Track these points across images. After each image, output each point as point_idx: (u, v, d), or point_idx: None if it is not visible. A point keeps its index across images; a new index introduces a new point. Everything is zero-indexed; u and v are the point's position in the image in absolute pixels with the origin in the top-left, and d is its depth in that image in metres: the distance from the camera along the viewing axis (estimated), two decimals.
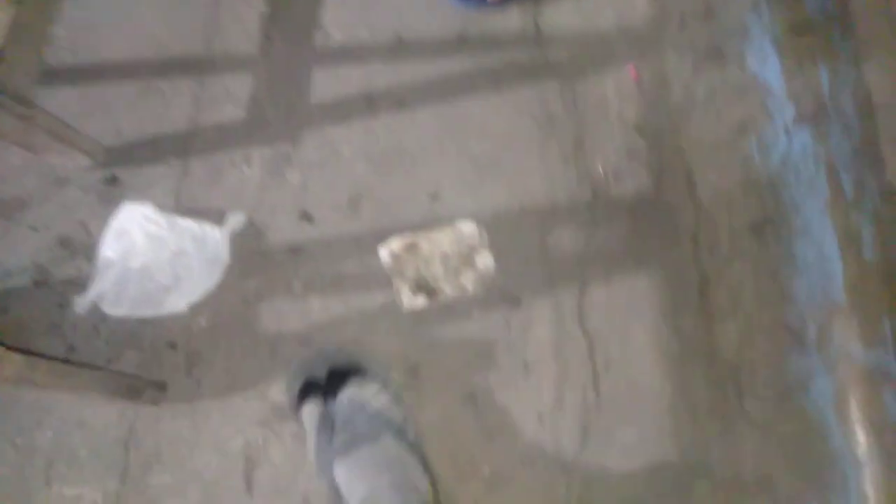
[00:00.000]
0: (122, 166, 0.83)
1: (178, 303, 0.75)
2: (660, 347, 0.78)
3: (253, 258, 0.80)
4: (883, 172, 0.77)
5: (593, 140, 0.90)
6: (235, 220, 0.79)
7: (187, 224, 0.77)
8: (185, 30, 0.89)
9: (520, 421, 0.74)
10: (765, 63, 0.86)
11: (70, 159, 0.79)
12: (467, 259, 0.78)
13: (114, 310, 0.74)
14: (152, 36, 0.89)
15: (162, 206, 0.80)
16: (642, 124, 0.92)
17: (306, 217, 0.82)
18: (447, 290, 0.77)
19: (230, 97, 0.87)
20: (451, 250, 0.78)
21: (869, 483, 0.63)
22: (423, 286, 0.77)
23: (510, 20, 0.95)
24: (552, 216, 0.85)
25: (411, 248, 0.78)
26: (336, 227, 0.82)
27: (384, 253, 0.78)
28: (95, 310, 0.75)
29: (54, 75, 0.84)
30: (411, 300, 0.77)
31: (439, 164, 0.85)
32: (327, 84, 0.89)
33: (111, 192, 0.81)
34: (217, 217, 0.80)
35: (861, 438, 0.65)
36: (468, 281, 0.78)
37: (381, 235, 0.82)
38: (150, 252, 0.74)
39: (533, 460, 0.72)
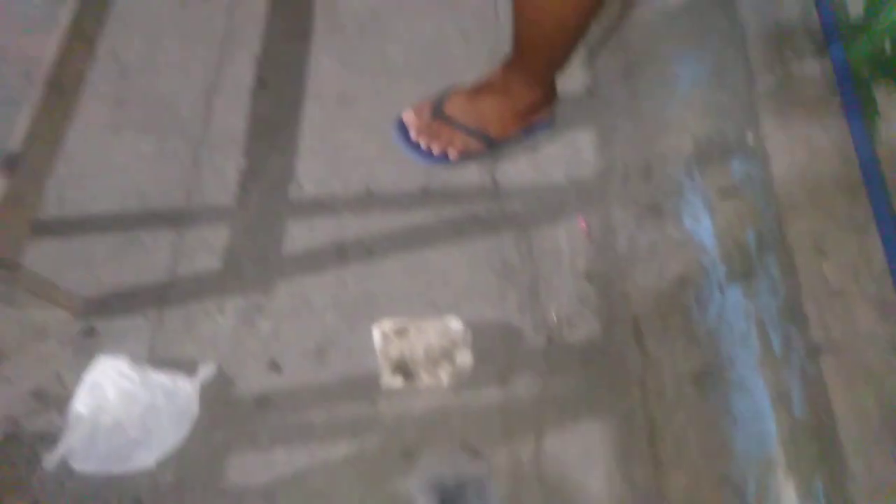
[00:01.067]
0: (99, 317, 0.83)
1: (146, 458, 0.74)
2: (613, 498, 0.80)
3: (221, 409, 0.80)
4: (808, 330, 0.81)
5: (547, 288, 0.94)
6: (206, 371, 0.80)
7: (160, 378, 0.77)
8: (167, 182, 0.92)
9: None
10: (698, 223, 0.93)
11: (51, 313, 0.80)
12: (448, 353, 0.81)
13: (82, 466, 0.73)
14: (137, 188, 0.91)
15: (136, 357, 0.80)
16: (592, 273, 0.96)
17: (275, 367, 0.84)
18: (424, 377, 0.80)
19: (207, 248, 0.89)
20: (435, 341, 0.81)
21: None
22: (402, 368, 0.80)
23: (469, 175, 1.01)
24: (509, 365, 0.88)
25: (401, 332, 0.82)
26: (303, 377, 0.83)
27: (377, 333, 0.83)
28: (64, 465, 0.74)
29: (41, 228, 0.85)
30: (390, 379, 0.81)
31: (403, 314, 0.87)
32: (300, 234, 0.92)
33: (88, 344, 0.82)
34: (189, 367, 0.81)
35: None
36: (444, 373, 0.81)
37: (346, 384, 0.83)
38: (121, 408, 0.74)
39: None
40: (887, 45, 0.86)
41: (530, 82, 0.91)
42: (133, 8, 1.01)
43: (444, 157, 0.98)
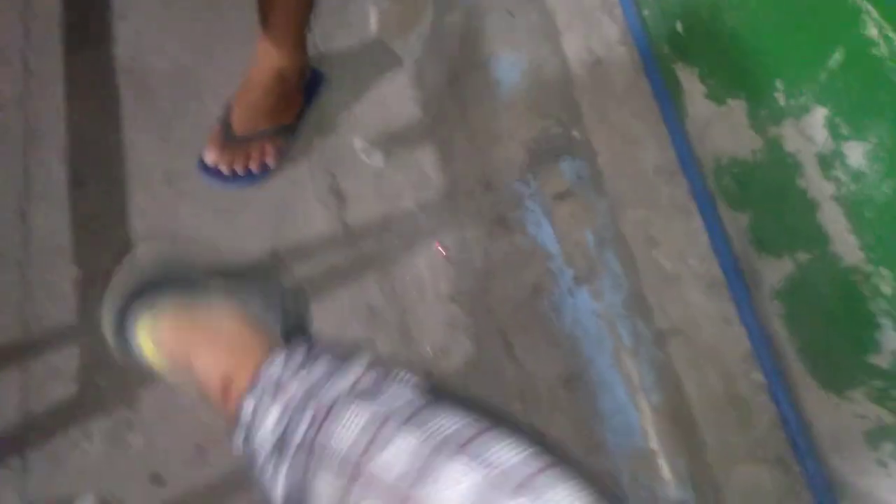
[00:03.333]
0: None
1: None
2: None
3: None
4: (652, 319, 0.86)
5: (417, 323, 0.95)
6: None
7: None
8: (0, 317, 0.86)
9: None
10: (540, 229, 0.94)
11: None
12: None
13: None
14: None
15: None
16: (456, 295, 0.97)
17: (157, 480, 0.81)
18: None
19: (59, 375, 0.85)
20: None
21: None
22: None
23: (318, 224, 0.98)
24: None
25: None
26: (188, 482, 0.82)
27: None
28: None
29: None
30: None
31: None
32: None
33: None
34: None
35: None
36: None
37: (234, 477, 0.82)
38: None
39: None
40: (678, 25, 0.88)
41: (291, 50, 0.90)
42: None
43: (264, 169, 0.96)
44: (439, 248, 1.00)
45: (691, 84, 0.88)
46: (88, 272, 0.90)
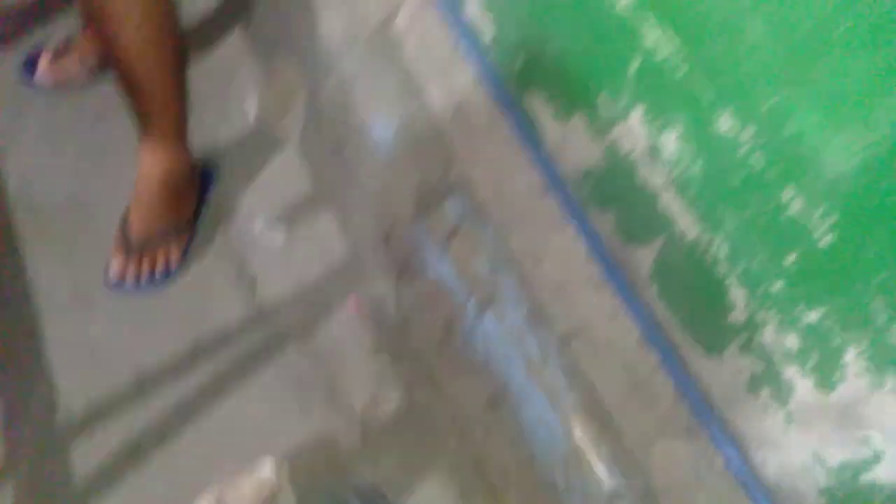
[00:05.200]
0: None
1: None
2: None
3: None
4: (553, 328, 0.91)
5: (345, 381, 0.98)
6: None
7: None
8: None
9: None
10: (441, 266, 1.00)
11: None
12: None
13: None
14: None
15: None
16: (378, 346, 1.01)
17: None
18: None
19: None
20: (252, 499, 0.81)
21: None
22: None
23: (231, 309, 1.01)
24: (334, 479, 0.90)
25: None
26: None
27: None
28: None
29: None
30: None
31: (218, 483, 0.87)
32: (88, 457, 0.88)
33: None
34: None
35: None
36: None
37: None
38: None
39: None
40: (519, 62, 0.97)
41: (171, 149, 0.93)
42: None
43: (169, 271, 0.98)
44: (354, 306, 1.04)
45: (540, 110, 0.96)
46: (10, 410, 0.90)
